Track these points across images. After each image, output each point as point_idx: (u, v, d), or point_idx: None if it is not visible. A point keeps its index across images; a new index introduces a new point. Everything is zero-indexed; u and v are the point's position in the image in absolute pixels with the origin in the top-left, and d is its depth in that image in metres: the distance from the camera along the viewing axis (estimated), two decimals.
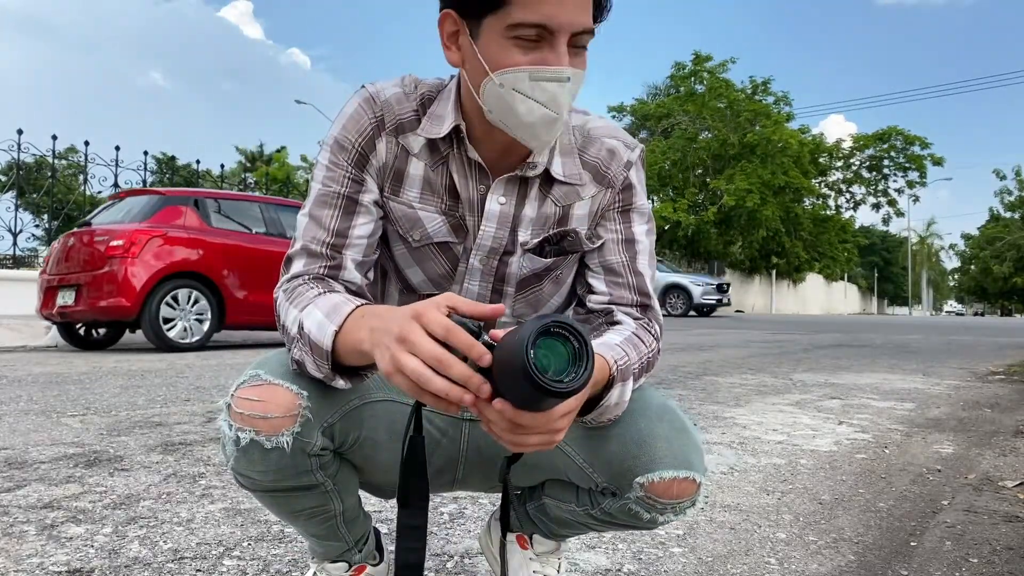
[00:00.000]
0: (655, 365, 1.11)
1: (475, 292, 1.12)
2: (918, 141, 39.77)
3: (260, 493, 1.06)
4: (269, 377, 0.97)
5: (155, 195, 7.33)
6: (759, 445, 2.90)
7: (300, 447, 0.98)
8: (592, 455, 1.07)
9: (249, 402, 0.96)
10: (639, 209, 1.14)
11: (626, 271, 1.13)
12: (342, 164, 1.05)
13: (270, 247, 7.42)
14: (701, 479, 1.03)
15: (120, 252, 6.58)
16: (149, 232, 6.75)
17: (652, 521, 1.06)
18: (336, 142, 1.06)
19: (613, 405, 0.99)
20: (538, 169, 1.07)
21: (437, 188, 1.08)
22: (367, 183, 1.06)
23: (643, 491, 1.02)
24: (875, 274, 69.45)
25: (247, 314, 7.24)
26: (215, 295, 7.03)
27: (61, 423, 3.05)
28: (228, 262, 7.14)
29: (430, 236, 1.09)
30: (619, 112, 36.51)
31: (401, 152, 1.07)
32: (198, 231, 7.05)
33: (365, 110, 1.05)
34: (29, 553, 1.55)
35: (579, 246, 1.13)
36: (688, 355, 7.24)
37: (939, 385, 5.20)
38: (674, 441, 1.03)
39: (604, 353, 0.97)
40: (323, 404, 1.00)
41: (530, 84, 0.93)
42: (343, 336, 0.90)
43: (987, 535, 1.84)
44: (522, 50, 0.93)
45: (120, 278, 6.52)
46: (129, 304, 6.49)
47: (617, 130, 1.16)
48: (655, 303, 1.15)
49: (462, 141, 1.05)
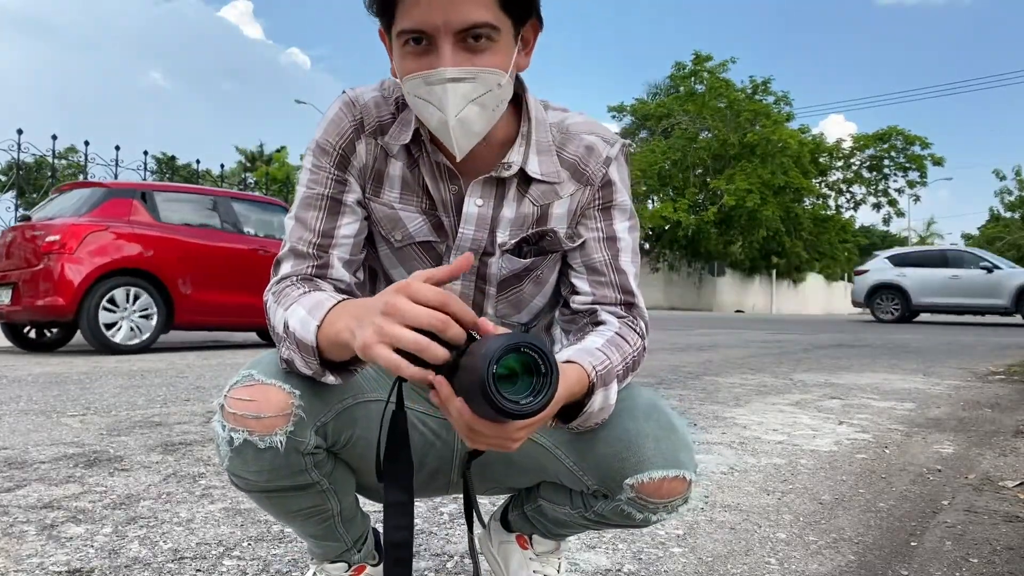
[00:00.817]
0: (641, 363, 1.10)
1: (458, 291, 1.13)
2: (918, 141, 39.74)
3: (256, 494, 1.06)
4: (262, 377, 0.97)
5: (99, 188, 6.91)
6: (759, 445, 2.90)
7: (294, 446, 0.99)
8: (581, 458, 1.07)
9: (242, 402, 0.96)
10: (620, 206, 1.13)
11: (608, 269, 1.12)
12: (325, 167, 1.07)
13: (224, 243, 7.07)
14: (692, 477, 1.03)
15: (56, 248, 6.16)
16: (88, 227, 6.32)
17: (645, 521, 1.06)
18: (318, 146, 1.08)
19: (597, 411, 0.99)
20: (512, 169, 1.06)
21: (415, 188, 1.09)
22: (350, 183, 1.08)
23: (634, 492, 1.02)
24: None
25: (198, 313, 6.86)
26: (162, 293, 6.61)
27: (61, 423, 3.05)
28: (177, 258, 6.72)
29: (412, 236, 1.10)
30: (619, 112, 36.51)
31: (380, 153, 1.09)
32: (144, 226, 6.62)
33: (345, 114, 1.08)
34: (29, 553, 1.55)
35: (558, 245, 1.12)
36: (688, 355, 7.24)
37: (939, 385, 5.20)
38: (662, 440, 1.02)
39: (583, 360, 0.97)
40: (316, 403, 1.01)
41: (426, 88, 0.95)
42: (325, 329, 0.91)
43: (987, 535, 1.84)
44: (413, 56, 0.95)
45: (56, 276, 6.12)
46: (65, 303, 6.10)
47: (596, 125, 1.14)
48: (639, 300, 1.14)
49: (423, 145, 1.06)
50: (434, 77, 0.93)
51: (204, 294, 6.83)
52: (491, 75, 0.95)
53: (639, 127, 36.24)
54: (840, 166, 41.50)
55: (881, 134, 40.27)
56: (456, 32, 0.92)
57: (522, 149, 1.07)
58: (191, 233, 6.92)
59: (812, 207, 38.43)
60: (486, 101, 0.96)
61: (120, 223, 6.50)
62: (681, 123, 34.37)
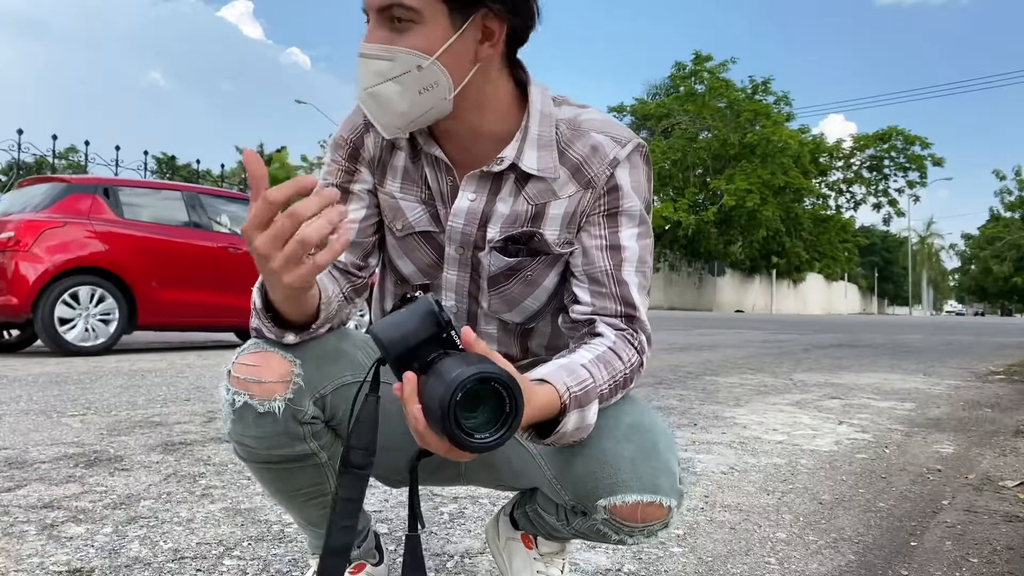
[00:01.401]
0: (636, 379, 1.04)
1: (454, 281, 1.14)
2: (918, 141, 39.75)
3: (257, 465, 1.08)
4: (266, 345, 1.02)
5: (59, 183, 6.60)
6: (759, 445, 2.90)
7: (292, 413, 1.02)
8: (560, 472, 1.04)
9: (246, 367, 1.01)
10: (628, 212, 1.06)
11: (609, 280, 1.06)
12: (337, 160, 1.13)
13: (192, 240, 6.81)
14: (671, 503, 0.98)
15: (10, 245, 5.87)
16: (45, 223, 6.03)
17: (621, 542, 1.03)
18: (334, 141, 1.15)
19: (572, 430, 0.93)
20: (504, 163, 1.04)
21: (416, 178, 1.11)
22: (360, 173, 1.13)
23: (607, 513, 0.98)
24: (875, 274, 69.42)
25: (164, 314, 6.60)
26: (125, 293, 6.31)
27: (61, 423, 3.05)
28: (140, 257, 6.42)
29: (412, 226, 1.12)
30: (619, 112, 36.51)
31: (387, 144, 1.11)
32: (106, 222, 6.31)
33: (358, 109, 1.11)
34: (29, 553, 1.55)
35: (546, 248, 1.08)
36: (688, 355, 7.24)
37: (939, 385, 5.20)
38: (640, 463, 0.97)
39: (558, 380, 0.92)
40: (317, 375, 1.04)
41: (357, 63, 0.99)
42: None
43: (987, 535, 1.84)
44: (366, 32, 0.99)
45: (9, 274, 5.85)
46: (18, 302, 5.84)
47: (609, 124, 1.08)
48: (641, 313, 1.07)
49: (417, 138, 1.08)
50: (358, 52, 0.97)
51: (170, 293, 6.57)
52: (408, 56, 0.95)
53: (639, 127, 36.24)
54: (840, 166, 41.48)
55: (881, 134, 40.27)
56: (378, 10, 0.95)
57: (518, 143, 1.05)
58: (155, 230, 6.63)
59: (812, 207, 38.45)
60: (405, 81, 0.96)
61: (80, 219, 6.22)
62: (681, 123, 34.37)
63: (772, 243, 34.68)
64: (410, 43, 0.95)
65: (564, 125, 1.07)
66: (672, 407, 3.84)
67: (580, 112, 1.09)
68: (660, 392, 4.44)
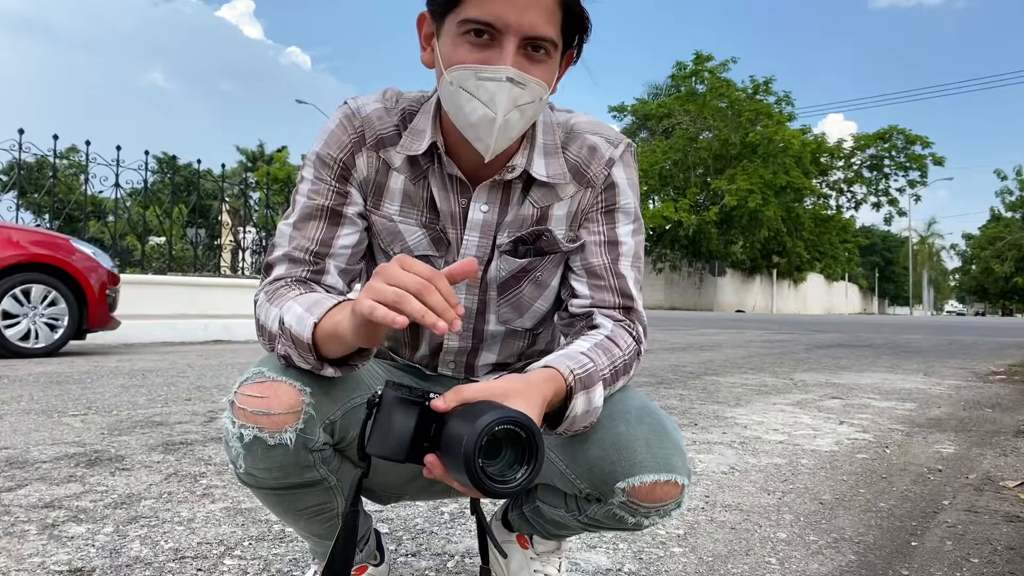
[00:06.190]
0: (634, 367, 1.08)
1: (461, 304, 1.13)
2: (919, 140, 39.73)
3: (264, 491, 1.05)
4: (272, 374, 0.97)
5: None
6: (760, 445, 2.90)
7: (303, 443, 0.99)
8: (573, 461, 1.06)
9: (252, 399, 0.96)
10: (623, 209, 1.11)
11: (608, 274, 1.10)
12: (326, 179, 1.08)
13: None
14: (684, 481, 1.01)
15: None
16: None
17: (638, 525, 1.05)
18: (318, 157, 1.08)
19: (581, 414, 0.96)
20: (516, 172, 1.06)
21: (417, 201, 1.09)
22: (352, 195, 1.09)
23: (625, 496, 1.01)
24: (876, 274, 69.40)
25: None
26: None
27: (62, 422, 3.05)
28: None
29: (410, 250, 1.10)
30: (620, 112, 36.52)
31: (382, 166, 1.09)
32: None
33: (345, 126, 1.08)
34: (30, 552, 1.56)
35: (556, 246, 1.11)
36: (689, 355, 7.24)
37: (940, 385, 5.20)
38: (654, 444, 1.00)
39: (560, 364, 0.95)
40: (325, 400, 1.01)
41: (475, 83, 0.94)
42: (323, 324, 0.91)
43: (988, 535, 1.84)
44: (471, 48, 0.94)
45: None
46: None
47: (601, 125, 1.13)
48: (638, 304, 1.12)
49: (440, 158, 1.06)
50: (493, 73, 0.93)
51: None
52: (539, 87, 0.96)
53: (640, 127, 36.23)
54: (841, 166, 41.48)
55: (882, 133, 40.26)
56: (524, 37, 0.93)
57: (527, 152, 1.07)
58: None
59: (813, 207, 38.44)
60: (526, 110, 0.97)
61: None
62: (682, 123, 34.37)
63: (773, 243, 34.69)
64: (541, 75, 0.96)
65: (560, 129, 1.11)
66: (673, 407, 3.84)
67: (570, 116, 1.13)
68: (661, 392, 4.44)
